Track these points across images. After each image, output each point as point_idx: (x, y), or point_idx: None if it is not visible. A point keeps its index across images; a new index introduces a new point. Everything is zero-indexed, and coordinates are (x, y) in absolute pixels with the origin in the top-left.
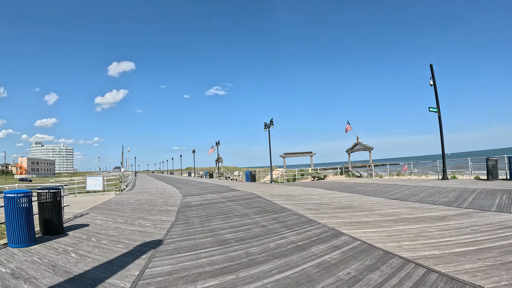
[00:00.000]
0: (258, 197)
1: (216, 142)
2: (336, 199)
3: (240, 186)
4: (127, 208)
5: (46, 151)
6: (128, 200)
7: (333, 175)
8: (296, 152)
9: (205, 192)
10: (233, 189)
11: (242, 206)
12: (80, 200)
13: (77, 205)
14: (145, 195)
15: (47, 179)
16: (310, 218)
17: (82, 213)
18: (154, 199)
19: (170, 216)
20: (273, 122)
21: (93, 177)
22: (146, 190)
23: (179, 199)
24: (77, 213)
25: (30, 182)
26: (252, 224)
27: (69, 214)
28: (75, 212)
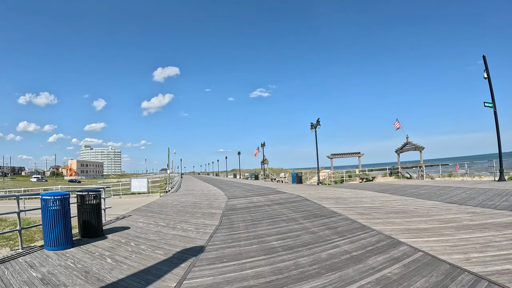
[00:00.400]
0: (305, 200)
1: (261, 143)
2: (389, 203)
3: (287, 188)
4: (170, 210)
5: (95, 154)
6: (172, 202)
7: (382, 177)
8: (344, 152)
9: (251, 195)
10: (280, 191)
11: (289, 210)
12: (124, 201)
13: (121, 207)
14: (190, 197)
15: (95, 181)
16: (363, 223)
17: (125, 215)
18: (198, 201)
19: (214, 219)
20: (319, 122)
21: (137, 179)
22: (191, 192)
23: (224, 201)
24: (119, 215)
25: (79, 183)
26: (300, 230)
27: (111, 216)
28: (118, 214)
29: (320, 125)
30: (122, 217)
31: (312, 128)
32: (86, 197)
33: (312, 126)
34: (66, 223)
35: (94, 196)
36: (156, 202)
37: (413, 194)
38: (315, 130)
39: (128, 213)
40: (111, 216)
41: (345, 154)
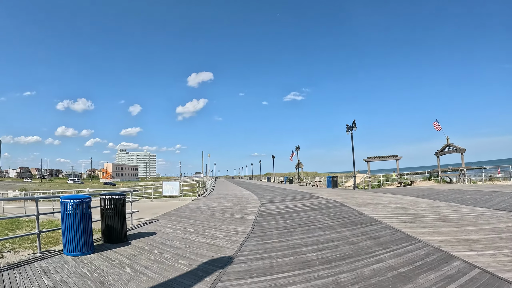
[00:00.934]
0: (342, 206)
1: (296, 147)
2: (432, 209)
3: (322, 193)
4: (200, 215)
5: (130, 157)
6: (203, 206)
7: (421, 181)
8: (381, 156)
9: (285, 199)
10: (315, 196)
11: (326, 216)
12: (155, 205)
13: (150, 211)
14: (222, 201)
15: (129, 183)
16: (407, 233)
17: (153, 219)
18: (230, 206)
19: (245, 226)
20: (356, 124)
21: (169, 182)
22: (224, 196)
23: (257, 206)
24: (147, 220)
25: (114, 186)
26: (339, 240)
27: (139, 220)
28: (146, 219)
29: (356, 127)
30: (150, 222)
31: (348, 130)
32: (109, 201)
33: (348, 128)
34: (86, 228)
35: (117, 200)
36: (187, 206)
37: (457, 200)
38: (351, 133)
39: (157, 217)
40: (138, 220)
41: (382, 157)
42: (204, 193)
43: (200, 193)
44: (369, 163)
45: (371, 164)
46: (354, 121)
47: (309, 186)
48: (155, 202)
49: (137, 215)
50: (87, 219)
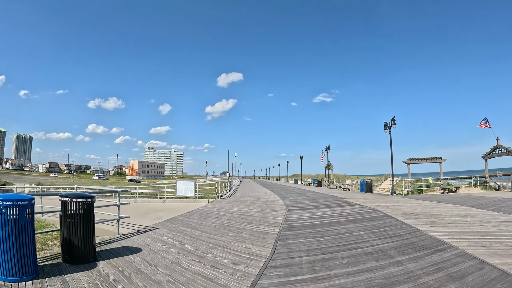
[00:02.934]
0: (387, 217)
1: (326, 147)
2: (504, 226)
3: (357, 199)
4: (210, 224)
5: (157, 155)
6: (219, 211)
7: (466, 187)
8: (423, 157)
9: (315, 205)
10: (349, 202)
11: (372, 233)
12: (164, 207)
13: (155, 214)
14: (242, 206)
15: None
16: (501, 268)
17: (150, 227)
18: (251, 212)
19: (264, 245)
20: (395, 121)
21: (184, 181)
22: (246, 198)
23: (282, 214)
24: (142, 227)
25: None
26: (406, 281)
27: (132, 227)
28: (142, 226)
29: (395, 124)
30: (145, 231)
31: (386, 128)
32: (70, 205)
33: (386, 126)
34: (22, 242)
35: (80, 204)
36: (199, 210)
37: None
38: (390, 131)
39: (156, 225)
40: (131, 228)
41: (424, 159)
42: (226, 194)
43: (220, 194)
44: (410, 166)
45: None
46: (394, 117)
47: (339, 190)
48: (167, 203)
49: (136, 221)
50: (25, 229)
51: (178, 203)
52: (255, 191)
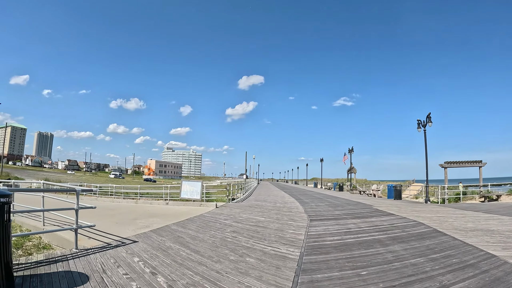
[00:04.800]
0: (438, 234)
1: (349, 149)
2: None
3: (388, 207)
4: (209, 239)
5: (176, 155)
6: (225, 219)
7: (507, 195)
8: (461, 161)
9: (342, 215)
10: (381, 211)
11: (431, 261)
12: (164, 211)
13: (145, 221)
14: (255, 213)
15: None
16: None
17: (127, 239)
18: (264, 222)
19: (278, 283)
20: (431, 119)
21: (190, 181)
22: (261, 203)
23: (303, 225)
24: (116, 240)
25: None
26: None
27: (106, 238)
28: (118, 237)
29: (431, 122)
30: (116, 245)
31: (419, 127)
32: None
33: (419, 124)
34: None
35: None
36: (202, 217)
37: None
38: (424, 130)
39: (137, 236)
40: (100, 240)
41: (462, 162)
42: (239, 197)
43: (232, 197)
44: (447, 170)
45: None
46: (429, 114)
47: (364, 195)
48: (170, 206)
49: (117, 228)
50: None
51: (182, 206)
52: (272, 195)
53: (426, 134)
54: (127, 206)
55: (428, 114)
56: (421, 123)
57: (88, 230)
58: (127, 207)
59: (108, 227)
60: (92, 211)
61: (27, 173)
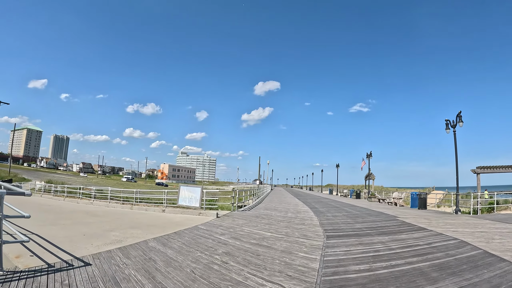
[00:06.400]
0: (492, 258)
1: (367, 153)
2: None
3: (416, 219)
4: (189, 265)
5: (190, 160)
6: (222, 234)
7: None
8: (497, 165)
9: (364, 228)
10: (409, 224)
11: None
12: (154, 219)
13: (122, 233)
14: (260, 225)
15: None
16: None
17: (83, 259)
18: (269, 238)
19: None
20: (461, 118)
21: (188, 187)
22: (270, 213)
23: (318, 246)
24: (71, 260)
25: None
26: None
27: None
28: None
29: (462, 122)
30: (54, 270)
31: (448, 127)
32: None
33: (448, 124)
34: None
35: None
36: (194, 230)
37: None
38: (454, 132)
39: (93, 256)
40: (44, 260)
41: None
42: (247, 204)
43: (239, 205)
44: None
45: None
46: (460, 113)
47: (384, 204)
48: (166, 213)
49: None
50: None
51: (178, 214)
52: (284, 202)
53: (456, 136)
54: (118, 212)
55: (459, 113)
56: (450, 124)
57: (37, 244)
58: (116, 213)
59: (68, 240)
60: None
61: (37, 174)
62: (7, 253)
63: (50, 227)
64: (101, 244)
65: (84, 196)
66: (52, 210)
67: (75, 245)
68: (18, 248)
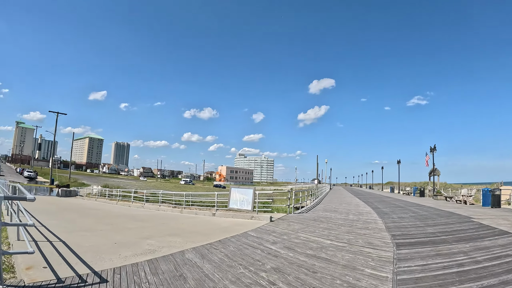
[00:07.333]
0: None
1: (430, 147)
2: None
3: (493, 219)
4: (228, 286)
5: (248, 161)
6: (273, 244)
7: None
8: None
9: (438, 233)
10: (487, 226)
11: None
12: (199, 226)
13: (162, 241)
14: (319, 231)
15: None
16: None
17: (101, 274)
18: (329, 248)
19: None
20: None
21: (240, 189)
22: (330, 215)
23: (388, 258)
24: (87, 275)
25: (224, 188)
26: None
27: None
28: (88, 272)
29: None
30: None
31: None
32: None
33: None
34: None
35: None
36: (242, 237)
37: None
38: None
39: (115, 270)
40: (57, 272)
41: None
42: (305, 206)
43: (296, 206)
44: None
45: None
46: None
47: (452, 202)
48: (217, 217)
49: (109, 253)
50: None
51: (229, 218)
52: (345, 203)
53: None
54: (166, 216)
55: None
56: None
57: (57, 253)
58: (163, 218)
59: (94, 250)
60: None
61: (98, 179)
62: (19, 263)
63: (82, 234)
64: (130, 254)
65: (136, 200)
66: (97, 214)
67: (99, 256)
68: (33, 258)
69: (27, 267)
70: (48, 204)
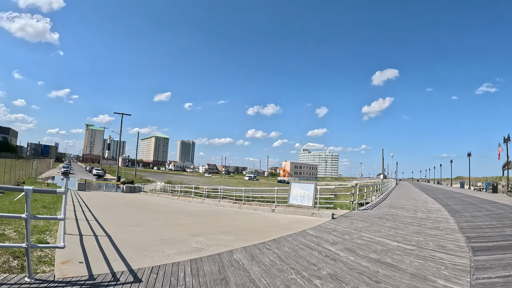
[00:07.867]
0: None
1: (504, 138)
2: None
3: None
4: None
5: (312, 157)
6: (332, 244)
7: None
8: None
9: None
10: None
11: None
12: (257, 222)
13: (211, 238)
14: (384, 230)
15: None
16: None
17: (137, 272)
18: (395, 251)
19: None
20: None
21: (301, 183)
22: (396, 212)
23: (464, 266)
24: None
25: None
26: None
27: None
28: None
29: None
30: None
31: None
32: None
33: None
34: None
35: None
36: (300, 236)
37: None
38: None
39: (153, 269)
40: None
41: None
42: (371, 201)
43: (360, 202)
44: None
45: None
46: None
47: None
48: (276, 213)
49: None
50: None
51: (289, 215)
52: (412, 199)
53: None
54: (223, 212)
55: None
56: None
57: (99, 248)
58: (221, 213)
59: (137, 246)
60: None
61: (163, 176)
62: (57, 257)
63: (131, 229)
64: (174, 252)
65: (198, 196)
66: (154, 209)
67: (140, 253)
68: (72, 252)
69: (63, 261)
70: (110, 199)
